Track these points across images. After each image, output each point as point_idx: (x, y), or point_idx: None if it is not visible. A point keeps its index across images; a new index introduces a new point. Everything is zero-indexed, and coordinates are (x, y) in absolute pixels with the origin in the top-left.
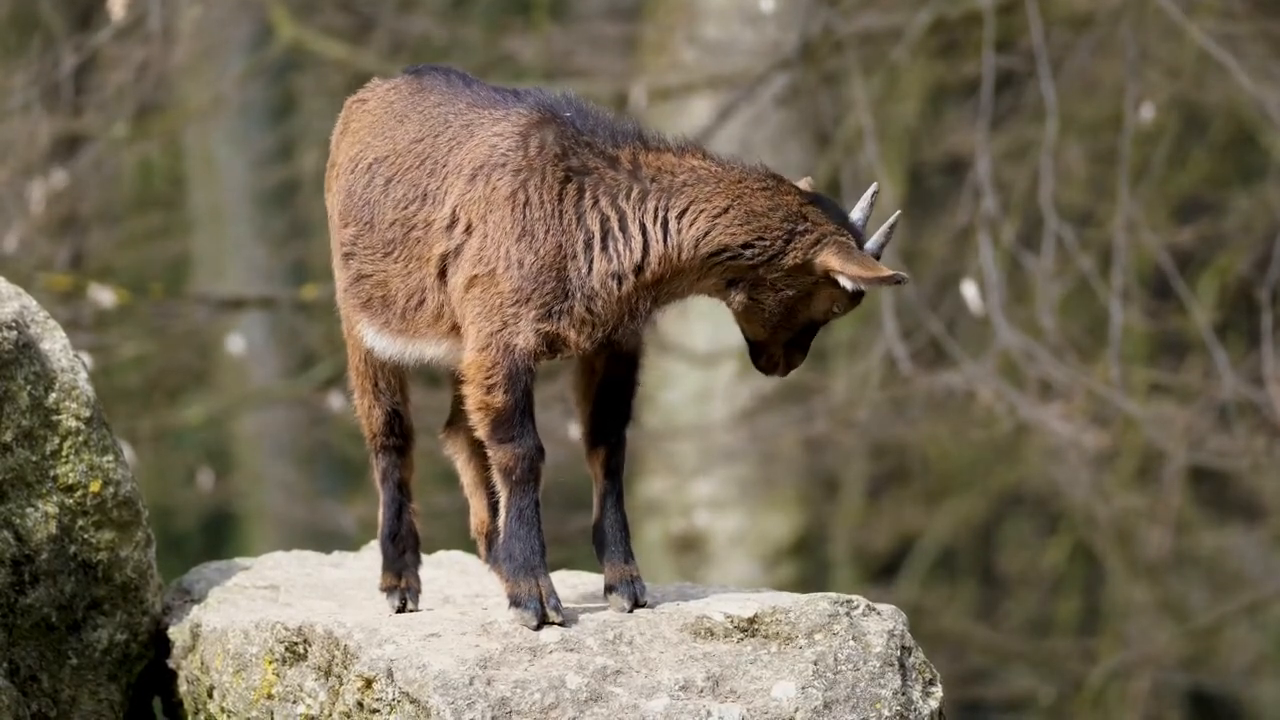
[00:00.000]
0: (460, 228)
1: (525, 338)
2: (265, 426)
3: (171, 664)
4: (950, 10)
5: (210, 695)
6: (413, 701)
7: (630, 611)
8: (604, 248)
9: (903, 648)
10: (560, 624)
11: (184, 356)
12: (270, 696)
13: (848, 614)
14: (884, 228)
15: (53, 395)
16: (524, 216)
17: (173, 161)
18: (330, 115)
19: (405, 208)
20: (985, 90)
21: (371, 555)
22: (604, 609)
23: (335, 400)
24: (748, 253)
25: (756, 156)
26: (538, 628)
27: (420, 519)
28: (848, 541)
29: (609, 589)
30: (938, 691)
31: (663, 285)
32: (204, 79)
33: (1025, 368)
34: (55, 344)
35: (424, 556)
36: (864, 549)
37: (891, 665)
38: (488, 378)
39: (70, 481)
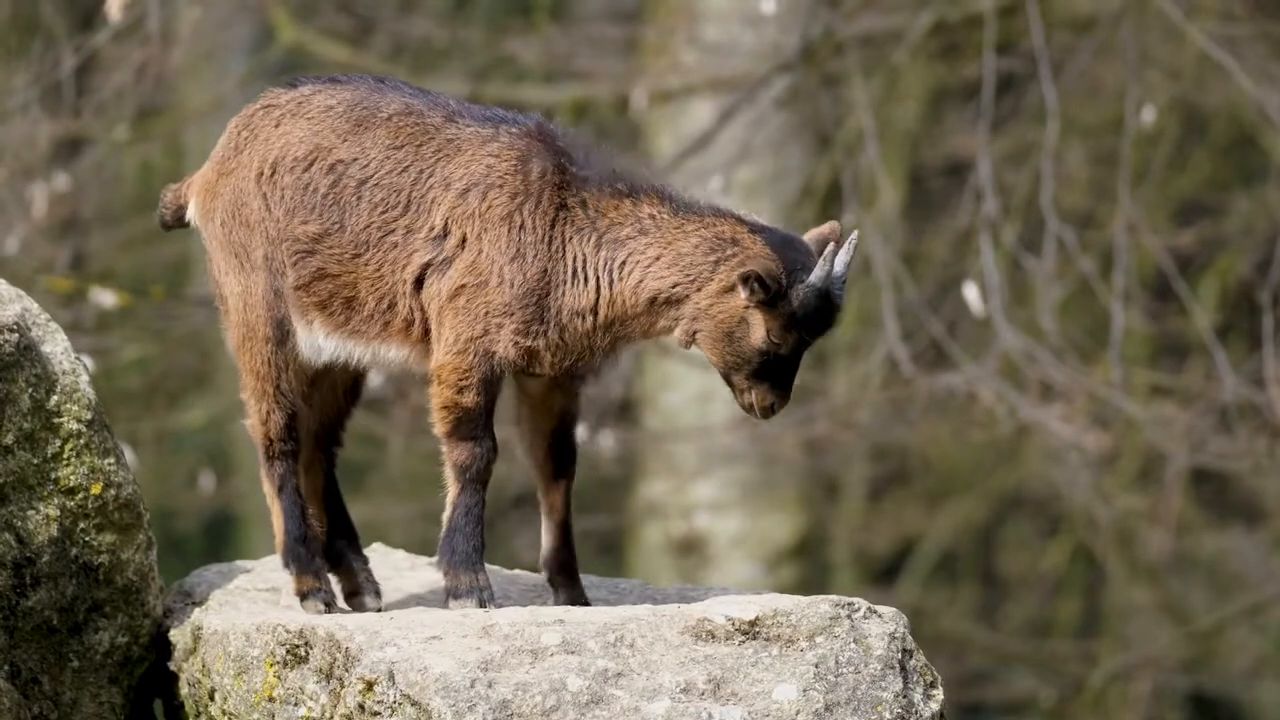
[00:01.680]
0: (453, 241)
1: (505, 347)
2: None
3: (173, 666)
4: (951, 13)
5: (211, 698)
6: (414, 704)
7: None
8: (573, 285)
9: (904, 650)
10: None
11: (185, 359)
12: (271, 699)
13: (849, 616)
14: (829, 251)
15: (54, 398)
16: (518, 239)
17: (173, 163)
18: None
19: (384, 212)
20: (986, 92)
21: (374, 557)
22: (593, 610)
23: None
24: (677, 289)
25: (756, 154)
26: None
27: (320, 523)
28: (849, 543)
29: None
30: (939, 694)
31: (615, 327)
32: (205, 80)
33: (1026, 369)
34: (57, 346)
35: (423, 559)
36: (865, 551)
37: (893, 668)
38: (462, 379)
39: (71, 484)
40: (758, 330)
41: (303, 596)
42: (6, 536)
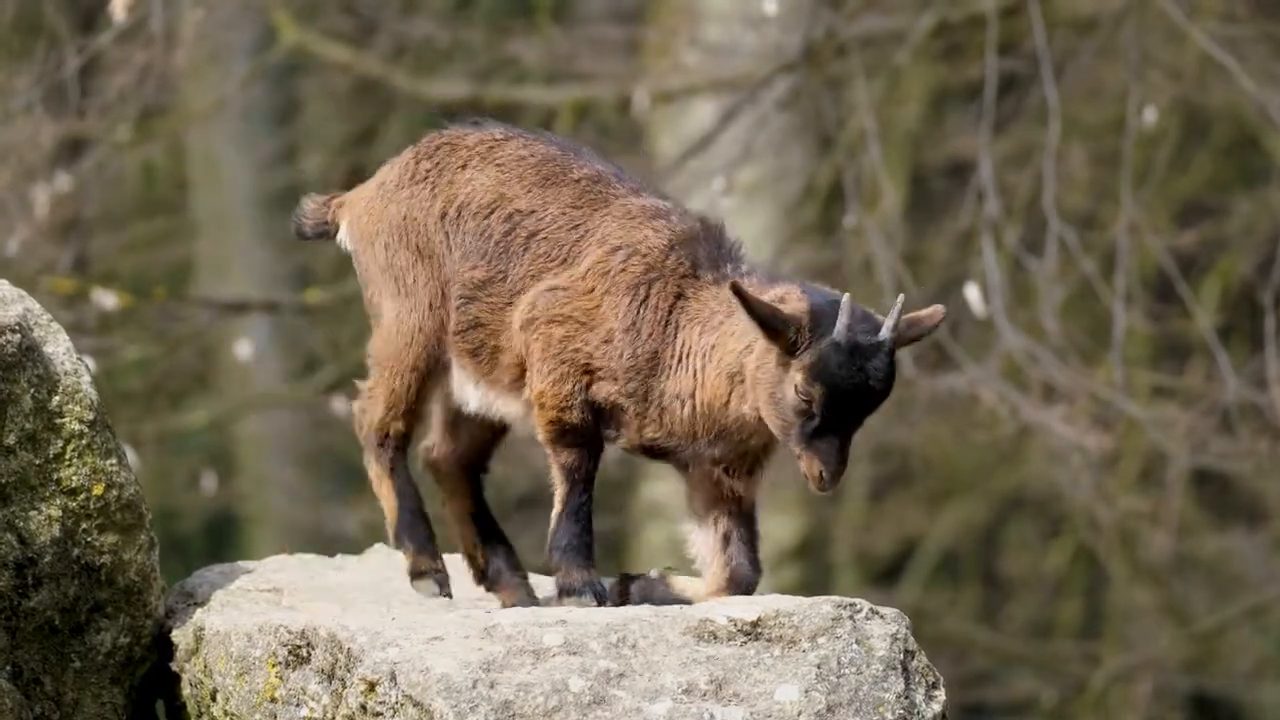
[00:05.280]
0: (584, 285)
1: (603, 393)
2: (268, 430)
3: (174, 667)
4: (953, 13)
5: (213, 698)
6: (416, 704)
7: None
8: (676, 370)
9: (906, 651)
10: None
11: (187, 360)
12: (273, 700)
13: (851, 617)
14: (845, 303)
15: (56, 398)
16: (637, 313)
17: (176, 165)
18: (334, 118)
19: (543, 264)
20: (988, 93)
21: (376, 558)
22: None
23: (339, 404)
24: (739, 358)
25: (758, 155)
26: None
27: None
28: (850, 544)
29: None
30: (941, 695)
31: (714, 413)
32: (207, 82)
33: (1028, 370)
34: (59, 347)
35: None
36: (866, 552)
37: (895, 669)
38: (564, 402)
39: (73, 484)
40: (789, 386)
41: (416, 575)
42: (8, 537)
